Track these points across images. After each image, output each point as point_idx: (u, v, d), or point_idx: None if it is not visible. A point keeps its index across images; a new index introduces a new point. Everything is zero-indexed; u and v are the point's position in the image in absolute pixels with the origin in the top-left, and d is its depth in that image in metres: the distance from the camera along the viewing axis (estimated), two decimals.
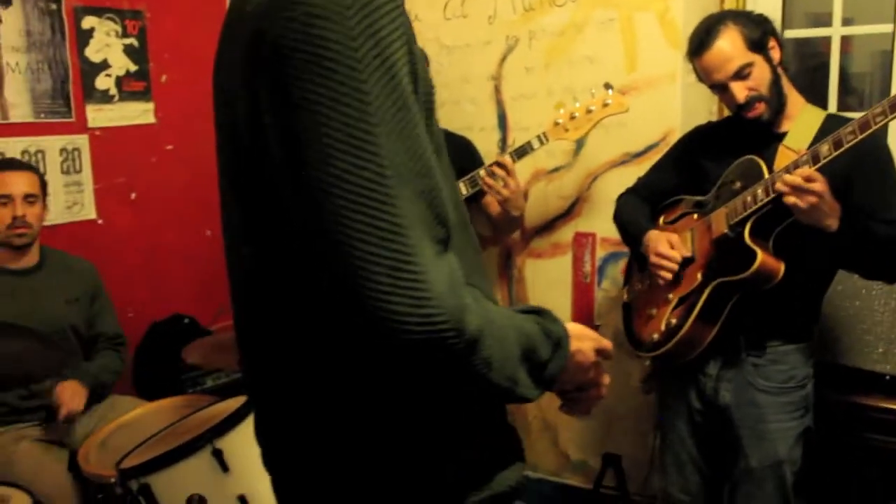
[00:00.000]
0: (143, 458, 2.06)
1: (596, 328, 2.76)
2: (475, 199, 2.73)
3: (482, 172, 2.60)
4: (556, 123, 2.58)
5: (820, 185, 1.77)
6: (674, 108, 2.66)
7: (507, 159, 2.57)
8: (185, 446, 2.02)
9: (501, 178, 2.57)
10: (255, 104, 0.85)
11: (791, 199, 1.79)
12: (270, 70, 0.82)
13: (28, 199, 2.53)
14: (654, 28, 2.66)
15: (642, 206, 2.34)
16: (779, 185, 1.82)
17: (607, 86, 2.57)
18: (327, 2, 0.79)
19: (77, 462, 2.33)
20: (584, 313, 2.96)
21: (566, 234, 2.96)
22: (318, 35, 0.78)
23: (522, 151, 2.59)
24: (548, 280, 3.04)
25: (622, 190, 2.48)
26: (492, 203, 2.74)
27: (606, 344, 1.09)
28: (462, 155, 2.82)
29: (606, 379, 1.11)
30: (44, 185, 2.64)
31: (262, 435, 1.08)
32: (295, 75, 0.79)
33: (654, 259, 2.17)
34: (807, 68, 2.96)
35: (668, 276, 2.14)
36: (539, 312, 1.00)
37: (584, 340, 1.05)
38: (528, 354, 0.93)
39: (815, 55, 2.88)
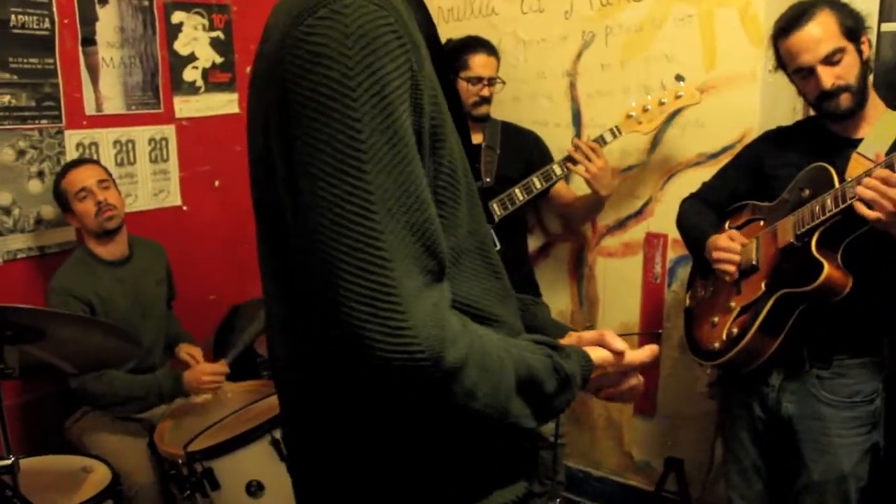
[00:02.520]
0: (208, 442, 2.18)
1: (658, 335, 2.74)
2: (543, 194, 2.72)
3: (517, 191, 2.60)
4: (629, 116, 2.55)
5: None
6: (753, 108, 2.57)
7: (578, 142, 2.59)
8: (247, 434, 2.13)
9: (587, 155, 2.56)
10: (267, 137, 0.90)
11: (865, 207, 1.72)
12: (278, 106, 0.87)
13: (102, 184, 2.65)
14: (734, 24, 2.57)
15: (706, 212, 2.28)
16: (859, 190, 1.74)
17: (679, 77, 2.52)
18: (330, 40, 0.83)
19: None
20: (652, 314, 2.91)
21: (638, 233, 2.92)
22: (319, 73, 0.83)
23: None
24: (618, 279, 3.00)
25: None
26: (563, 192, 2.73)
27: (634, 363, 1.11)
28: (530, 149, 2.83)
29: (637, 381, 1.14)
30: (110, 174, 2.76)
31: (288, 441, 1.14)
32: (297, 110, 0.84)
33: (715, 254, 2.12)
34: None
35: (732, 268, 2.09)
36: (554, 347, 1.02)
37: (609, 367, 1.09)
38: (527, 387, 0.95)
39: None
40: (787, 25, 1.98)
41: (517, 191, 2.62)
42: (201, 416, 2.52)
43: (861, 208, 1.74)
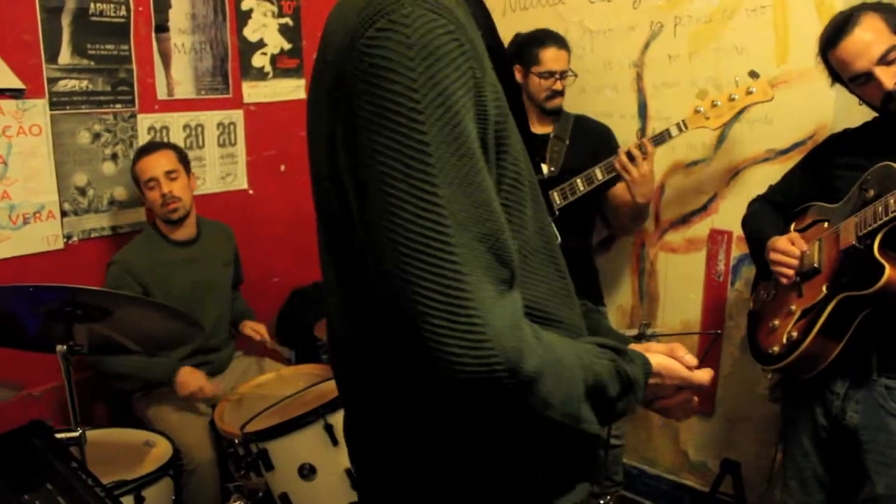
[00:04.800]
0: (264, 424, 2.24)
1: (717, 335, 2.68)
2: (607, 186, 2.68)
3: (621, 154, 2.56)
4: (697, 111, 2.49)
5: None
6: (826, 104, 2.47)
7: (647, 142, 2.53)
8: (301, 418, 2.18)
9: (637, 160, 2.52)
10: (334, 148, 0.91)
11: None
12: (344, 116, 0.87)
13: (170, 175, 2.71)
14: (810, 15, 2.47)
15: (772, 214, 2.23)
16: None
17: (753, 73, 2.44)
18: (393, 53, 0.82)
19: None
20: (714, 312, 2.85)
21: (702, 230, 2.85)
22: (384, 87, 0.82)
23: (660, 139, 2.53)
24: (680, 275, 2.95)
25: (764, 188, 2.36)
26: (620, 192, 2.69)
27: (693, 380, 1.09)
28: (599, 142, 2.79)
29: (691, 398, 1.13)
30: (183, 157, 2.81)
31: (350, 438, 1.15)
32: (363, 125, 0.84)
33: (773, 256, 2.08)
34: None
35: (789, 272, 2.05)
36: (618, 350, 1.02)
37: (666, 378, 1.08)
38: (594, 392, 0.95)
39: None
40: (833, 36, 1.92)
41: (579, 181, 2.59)
42: (261, 397, 2.58)
43: None
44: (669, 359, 1.09)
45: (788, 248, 2.07)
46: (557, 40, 2.75)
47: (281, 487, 2.24)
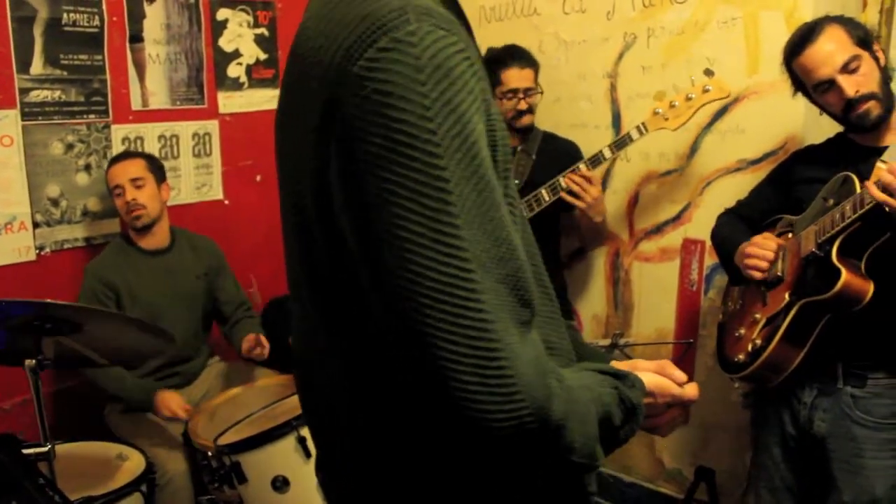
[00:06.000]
0: (237, 437, 2.23)
1: (690, 344, 2.70)
2: (569, 208, 2.70)
3: (562, 181, 2.57)
4: (655, 113, 2.50)
5: None
6: (796, 114, 2.50)
7: (582, 168, 2.55)
8: (274, 430, 2.17)
9: (582, 186, 2.55)
10: (325, 186, 0.81)
11: (884, 197, 1.68)
12: (342, 155, 0.78)
13: (135, 182, 2.70)
14: (779, 28, 2.50)
15: (740, 226, 2.26)
16: (873, 179, 1.71)
17: (708, 72, 2.47)
18: (400, 76, 0.73)
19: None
20: (688, 321, 2.88)
21: (675, 239, 2.87)
22: (393, 117, 0.73)
23: (622, 143, 2.54)
24: (654, 284, 2.97)
25: (735, 198, 2.39)
26: (578, 212, 2.71)
27: (684, 397, 1.07)
28: (565, 156, 2.79)
29: (681, 413, 1.10)
30: (155, 167, 2.79)
31: (323, 473, 1.10)
32: (370, 161, 0.74)
33: (748, 250, 2.10)
34: None
35: (763, 264, 2.07)
36: (618, 376, 0.98)
37: (659, 397, 1.05)
38: (604, 425, 0.91)
39: None
40: (797, 45, 1.98)
41: (544, 191, 2.60)
42: (235, 409, 2.57)
43: (876, 193, 1.70)
44: (660, 377, 1.06)
45: (763, 241, 2.10)
46: (520, 58, 2.73)
47: (254, 500, 2.23)
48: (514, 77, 2.70)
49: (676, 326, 2.91)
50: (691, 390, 1.08)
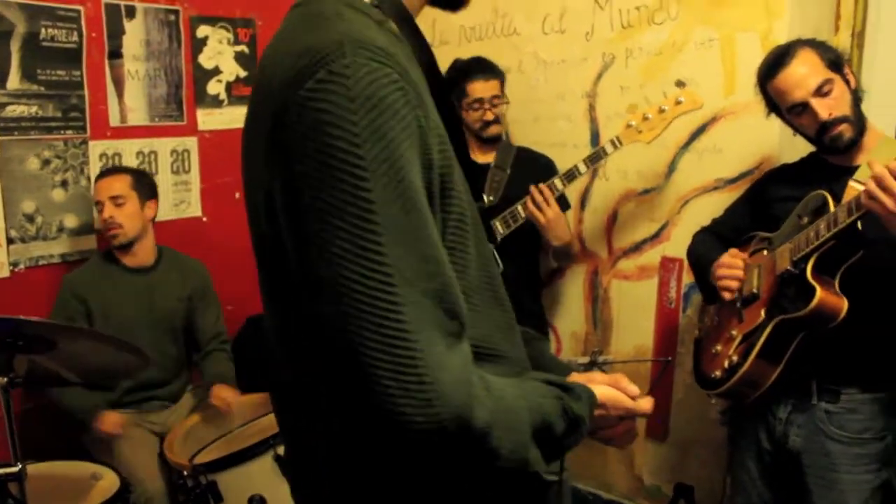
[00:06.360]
0: (213, 455, 2.21)
1: (668, 362, 2.71)
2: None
3: (519, 208, 2.59)
4: (629, 126, 2.52)
5: None
6: (772, 134, 2.53)
7: (543, 188, 2.56)
8: (250, 449, 2.15)
9: (539, 205, 2.55)
10: (272, 201, 0.88)
11: (868, 200, 1.71)
12: (283, 170, 0.84)
13: (115, 200, 2.68)
14: (755, 50, 2.54)
15: (715, 243, 2.28)
16: (846, 199, 1.74)
17: (679, 83, 2.49)
18: (334, 106, 0.79)
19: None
20: (666, 339, 2.89)
21: (653, 257, 2.89)
22: (326, 143, 0.80)
23: (596, 157, 2.55)
24: (633, 302, 2.98)
25: (713, 216, 2.41)
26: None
27: (637, 410, 1.11)
28: (540, 172, 2.80)
29: (633, 427, 1.15)
30: (141, 184, 2.76)
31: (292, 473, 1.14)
32: (305, 182, 0.81)
33: (717, 272, 2.13)
34: None
35: (733, 284, 2.10)
36: (565, 388, 1.02)
37: (611, 409, 1.09)
38: (540, 433, 0.95)
39: None
40: (771, 68, 2.02)
41: (519, 207, 2.61)
42: (212, 427, 2.55)
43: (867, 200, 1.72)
44: (613, 390, 1.10)
45: (731, 261, 2.13)
46: (485, 70, 2.76)
47: None
48: (479, 88, 2.73)
49: (655, 344, 2.92)
50: (645, 404, 1.12)
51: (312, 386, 0.97)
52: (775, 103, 2.06)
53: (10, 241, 2.72)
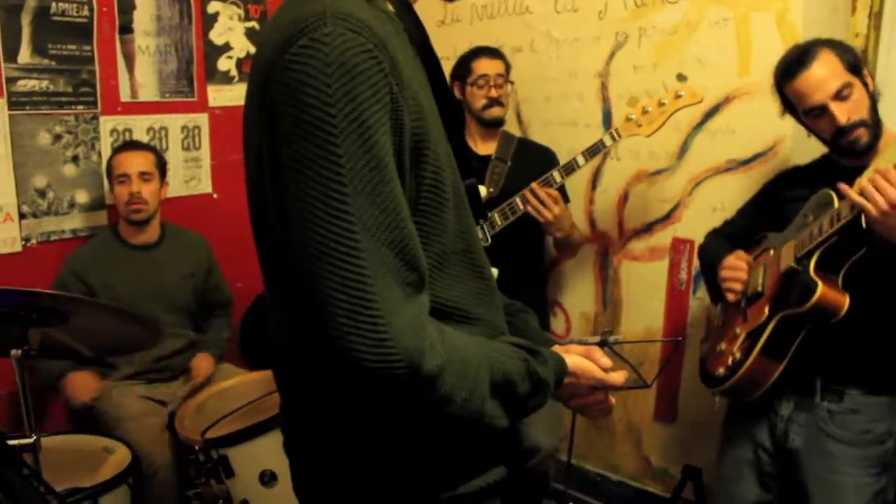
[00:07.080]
0: (225, 430, 2.22)
1: (678, 342, 2.71)
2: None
3: (518, 201, 2.57)
4: (629, 119, 2.50)
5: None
6: (786, 115, 2.51)
7: (536, 188, 2.53)
8: (261, 424, 2.16)
9: (537, 209, 2.54)
10: (261, 161, 0.96)
11: (862, 201, 1.69)
12: (268, 129, 0.92)
13: (143, 176, 2.72)
14: (770, 29, 2.52)
15: (725, 245, 2.27)
16: (856, 185, 1.73)
17: (680, 77, 2.48)
18: (311, 69, 0.87)
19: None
20: (676, 320, 2.88)
21: (664, 238, 2.88)
22: (302, 101, 0.88)
23: (595, 150, 2.52)
24: (643, 283, 2.97)
25: (725, 198, 2.40)
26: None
27: (607, 381, 1.19)
28: (541, 164, 2.76)
29: (605, 399, 1.22)
30: (161, 163, 2.81)
31: (284, 427, 1.23)
32: (282, 136, 0.90)
33: (721, 273, 2.14)
34: None
35: (736, 286, 2.10)
36: (532, 351, 1.09)
37: (581, 378, 1.18)
38: (502, 389, 1.01)
39: None
40: (790, 68, 1.98)
41: (518, 200, 2.58)
42: (223, 402, 2.56)
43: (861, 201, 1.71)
44: (585, 360, 1.18)
45: (735, 262, 2.13)
46: (491, 53, 2.81)
47: (242, 494, 2.22)
48: (484, 65, 2.76)
49: (665, 325, 2.92)
50: (616, 376, 1.20)
51: (304, 358, 1.04)
52: (791, 104, 2.03)
53: (21, 216, 2.73)
